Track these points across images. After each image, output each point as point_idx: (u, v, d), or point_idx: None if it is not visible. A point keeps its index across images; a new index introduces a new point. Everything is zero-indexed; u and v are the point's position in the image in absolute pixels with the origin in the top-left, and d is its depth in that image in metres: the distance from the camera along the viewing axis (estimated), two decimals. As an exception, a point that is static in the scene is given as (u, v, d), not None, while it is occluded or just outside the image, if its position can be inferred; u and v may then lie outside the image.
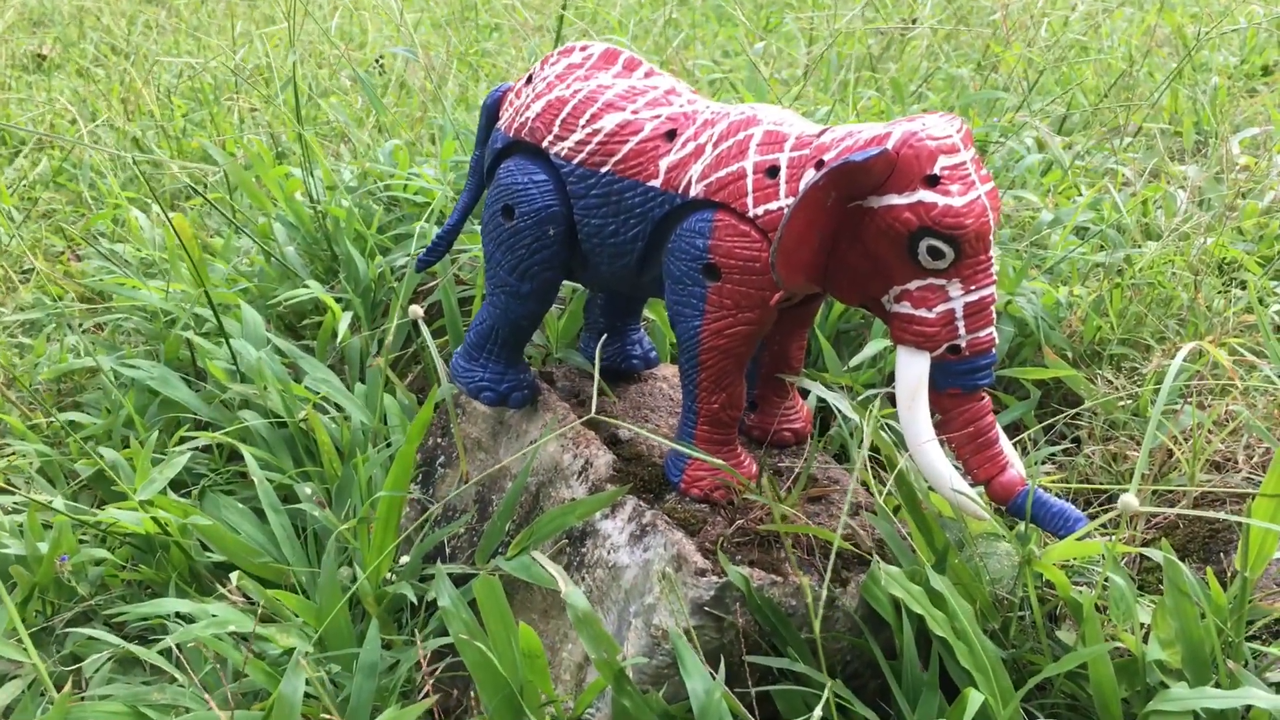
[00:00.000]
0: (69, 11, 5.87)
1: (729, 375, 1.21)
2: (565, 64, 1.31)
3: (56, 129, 3.75)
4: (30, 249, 2.79)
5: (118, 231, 2.77)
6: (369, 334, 1.82)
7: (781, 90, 3.40)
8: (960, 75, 2.94)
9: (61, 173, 3.28)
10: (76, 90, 4.17)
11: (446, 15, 4.42)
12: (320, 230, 2.05)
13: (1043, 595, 1.21)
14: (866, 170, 1.06)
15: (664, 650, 1.10)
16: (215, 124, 3.24)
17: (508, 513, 1.31)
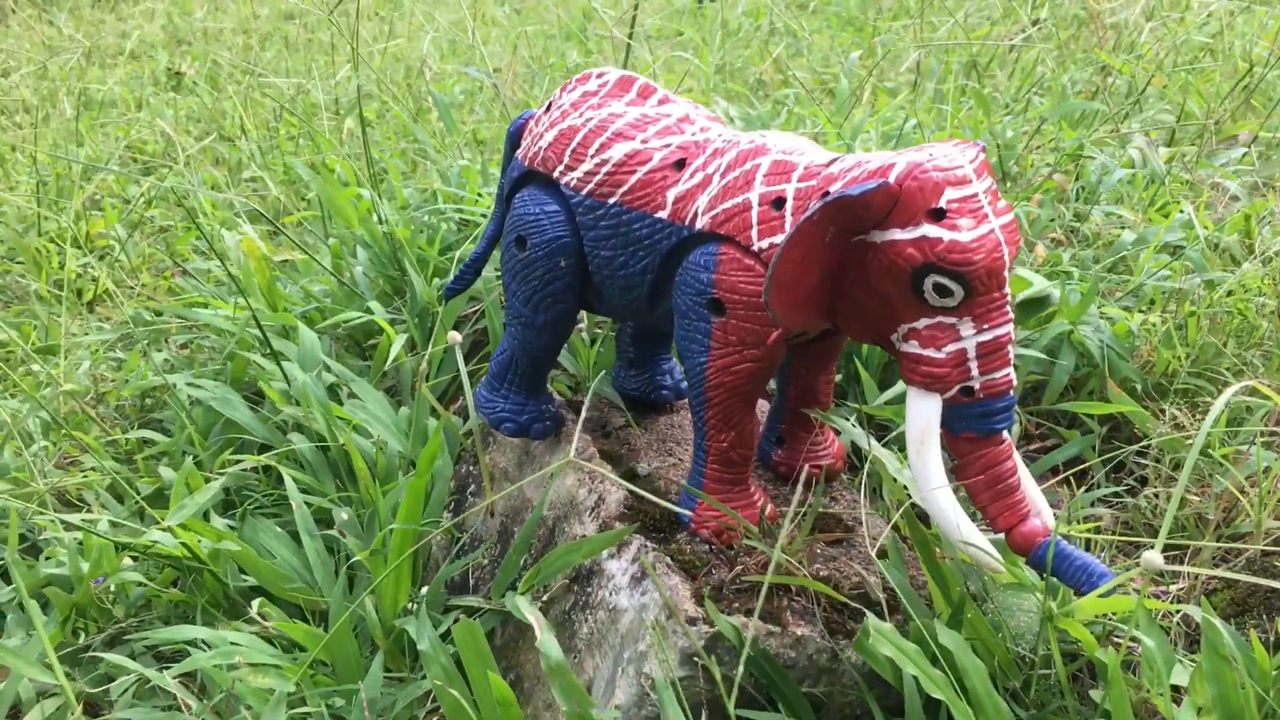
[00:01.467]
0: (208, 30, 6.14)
1: (737, 413, 1.17)
2: (581, 91, 1.29)
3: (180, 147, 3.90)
4: (137, 266, 2.91)
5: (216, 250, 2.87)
6: (421, 356, 1.83)
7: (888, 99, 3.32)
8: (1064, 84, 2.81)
9: (180, 190, 3.41)
10: (202, 108, 4.34)
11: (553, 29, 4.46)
12: (392, 251, 2.07)
13: (1074, 653, 1.13)
14: (865, 204, 1.00)
15: (652, 702, 1.06)
16: (316, 143, 3.33)
17: (523, 547, 1.29)
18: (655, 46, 3.90)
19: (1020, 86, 3.16)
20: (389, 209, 2.16)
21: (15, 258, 3.08)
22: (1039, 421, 1.60)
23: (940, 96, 2.99)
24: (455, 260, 1.87)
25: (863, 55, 3.39)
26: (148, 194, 3.45)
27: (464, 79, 3.91)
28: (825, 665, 1.10)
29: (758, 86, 3.42)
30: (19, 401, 2.15)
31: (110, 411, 2.16)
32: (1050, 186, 2.16)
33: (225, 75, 4.90)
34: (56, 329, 2.55)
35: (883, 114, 2.88)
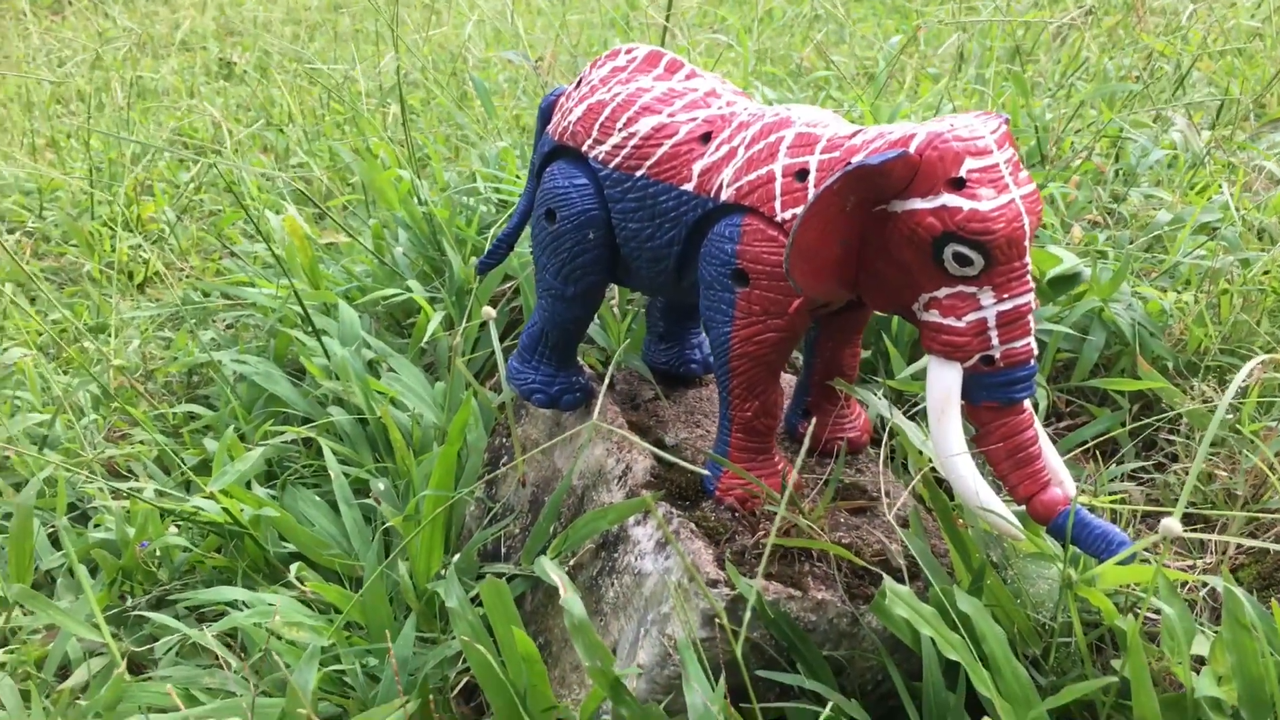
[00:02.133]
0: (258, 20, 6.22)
1: (761, 383, 1.18)
2: (610, 67, 1.31)
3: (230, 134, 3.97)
4: (186, 249, 2.98)
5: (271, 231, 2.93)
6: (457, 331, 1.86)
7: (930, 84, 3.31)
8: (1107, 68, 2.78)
9: (229, 175, 3.48)
10: (252, 96, 4.41)
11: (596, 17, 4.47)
12: (432, 231, 2.11)
13: (1094, 621, 1.14)
14: (885, 173, 1.02)
15: (674, 661, 1.08)
16: (360, 128, 3.37)
17: (552, 514, 1.32)
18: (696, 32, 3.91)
19: (1064, 71, 3.14)
20: (429, 191, 2.20)
21: (69, 240, 3.16)
22: (1069, 399, 1.60)
23: (981, 81, 2.97)
24: (490, 237, 1.90)
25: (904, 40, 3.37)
26: (196, 179, 3.52)
27: (508, 67, 3.94)
28: (845, 629, 1.11)
29: (797, 72, 3.43)
30: (70, 376, 2.22)
31: (158, 388, 2.22)
32: (1089, 168, 2.15)
33: (275, 65, 4.96)
34: (108, 308, 2.61)
35: (924, 99, 2.88)
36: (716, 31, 3.98)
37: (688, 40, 3.25)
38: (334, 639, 1.25)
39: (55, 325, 2.61)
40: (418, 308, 2.07)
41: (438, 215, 2.05)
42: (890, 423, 1.18)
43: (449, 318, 1.92)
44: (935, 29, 3.71)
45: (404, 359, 1.78)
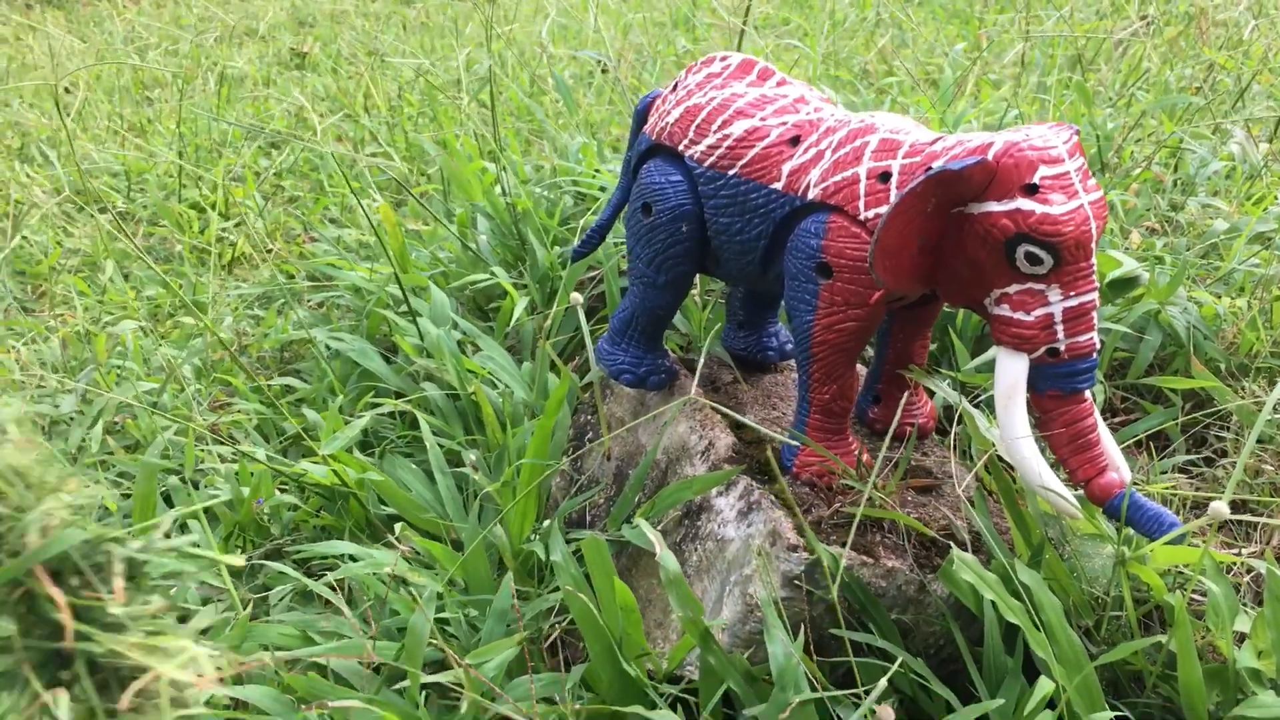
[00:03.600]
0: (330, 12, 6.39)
1: (839, 368, 1.29)
2: (705, 73, 1.41)
3: (307, 123, 4.12)
4: (271, 232, 3.12)
5: (347, 217, 3.06)
6: (541, 317, 1.98)
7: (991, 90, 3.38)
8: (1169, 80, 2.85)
9: (307, 163, 3.63)
10: (327, 86, 4.56)
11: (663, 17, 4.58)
12: (513, 221, 2.23)
13: (1144, 598, 1.23)
14: (964, 178, 1.11)
15: (756, 619, 1.19)
16: (438, 120, 3.50)
17: (638, 486, 1.43)
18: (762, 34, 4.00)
19: (1125, 81, 3.20)
20: (511, 182, 2.32)
21: (158, 221, 3.32)
22: (1124, 395, 1.69)
23: (1043, 89, 3.05)
24: (580, 229, 2.01)
25: (967, 47, 3.45)
26: (278, 165, 3.66)
27: (574, 64, 4.05)
28: (913, 596, 1.21)
29: (862, 75, 3.51)
30: (170, 348, 2.36)
31: (252, 361, 2.35)
32: (1148, 177, 2.23)
33: (347, 56, 5.11)
34: (201, 287, 2.76)
35: (985, 105, 2.95)
36: (782, 36, 4.07)
37: (756, 42, 3.34)
38: (442, 590, 1.36)
39: (150, 301, 2.75)
40: (501, 293, 2.19)
41: (521, 205, 2.17)
42: (958, 410, 1.28)
43: (532, 303, 2.04)
44: (997, 36, 3.77)
45: (491, 340, 1.89)
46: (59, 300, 2.80)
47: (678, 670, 1.22)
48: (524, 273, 2.16)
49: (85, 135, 4.21)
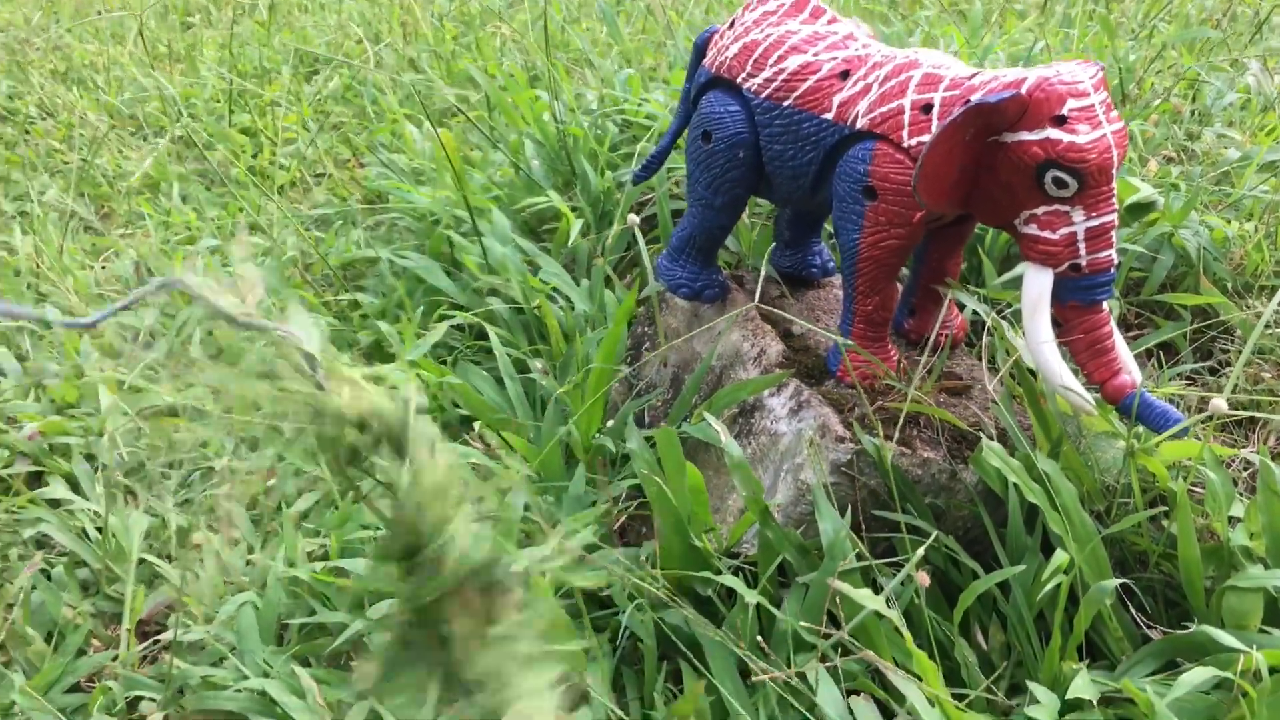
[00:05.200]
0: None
1: (882, 282, 1.43)
2: (762, 11, 1.54)
3: (346, 50, 4.22)
4: (322, 156, 3.25)
5: (394, 143, 3.19)
6: (595, 238, 2.12)
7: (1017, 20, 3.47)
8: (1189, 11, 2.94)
9: (350, 89, 3.74)
10: (363, 13, 4.65)
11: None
12: (562, 147, 2.36)
13: (1148, 486, 1.39)
14: (1000, 110, 1.25)
15: (806, 501, 1.35)
16: (480, 48, 3.61)
17: (694, 388, 1.59)
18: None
19: (1147, 13, 3.29)
20: (562, 110, 2.44)
21: (211, 145, 3.45)
22: (1138, 310, 1.83)
23: (1068, 21, 3.14)
24: (636, 155, 2.14)
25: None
26: (322, 91, 3.78)
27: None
28: (945, 483, 1.37)
29: (892, 5, 3.60)
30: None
31: (318, 279, 2.50)
32: (1167, 109, 2.34)
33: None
34: (257, 208, 2.90)
35: (1011, 35, 3.06)
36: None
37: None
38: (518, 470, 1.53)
39: (212, 222, 2.90)
40: (554, 215, 2.33)
41: (573, 132, 2.30)
42: (988, 322, 1.42)
43: (586, 225, 2.18)
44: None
45: (550, 258, 2.04)
46: (123, 221, 2.95)
47: (735, 547, 1.38)
48: (574, 196, 2.30)
49: (129, 60, 4.33)
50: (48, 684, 1.41)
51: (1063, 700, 1.17)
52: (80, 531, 1.64)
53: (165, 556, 1.63)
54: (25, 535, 1.63)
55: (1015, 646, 1.28)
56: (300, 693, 1.30)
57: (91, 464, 1.82)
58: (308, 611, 1.45)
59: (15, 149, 3.51)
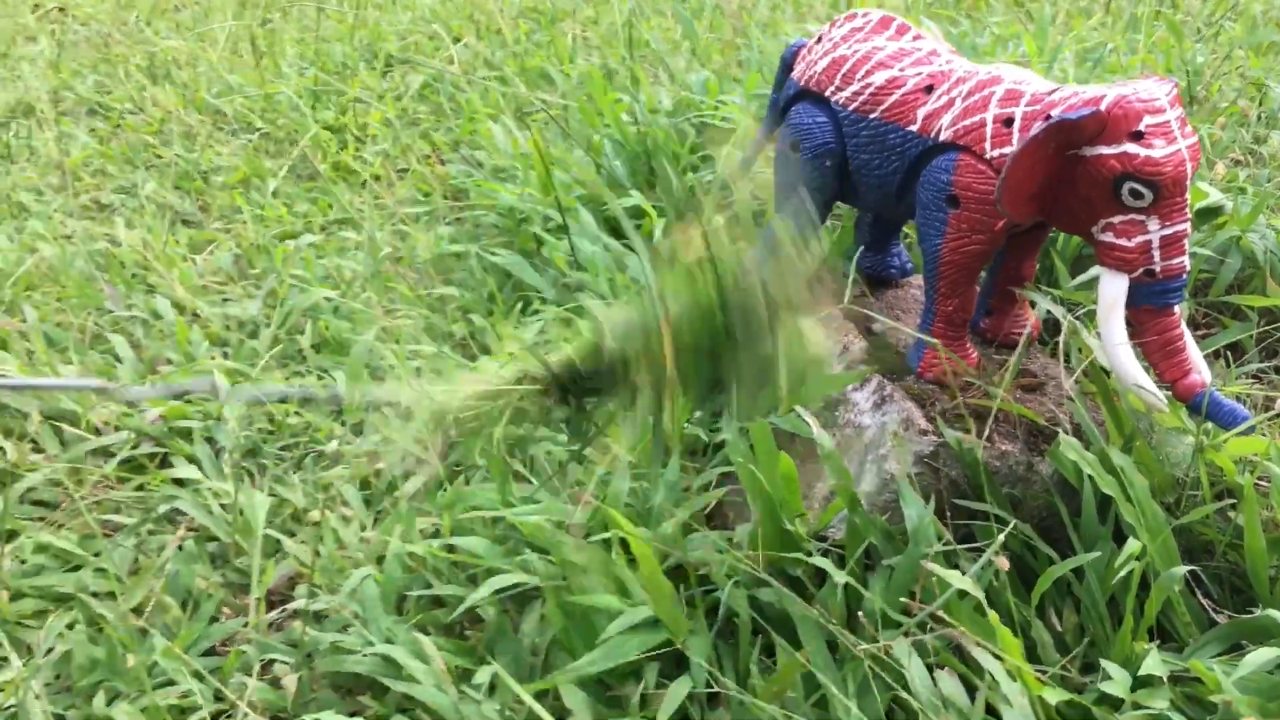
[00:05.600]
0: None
1: (962, 285, 1.52)
2: (849, 27, 1.63)
3: (419, 47, 4.35)
4: (404, 151, 3.37)
5: (474, 140, 3.31)
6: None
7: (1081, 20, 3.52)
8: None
9: (427, 86, 3.86)
10: (435, 10, 4.77)
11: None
12: (641, 148, 2.46)
13: (1216, 480, 1.47)
14: (1080, 127, 1.33)
15: (890, 489, 1.44)
16: (554, 45, 3.71)
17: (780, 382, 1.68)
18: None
19: (1213, 11, 3.33)
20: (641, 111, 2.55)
21: (295, 140, 3.58)
22: (1206, 311, 1.90)
23: (1134, 22, 3.19)
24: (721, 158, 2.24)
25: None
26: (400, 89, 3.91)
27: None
28: (1021, 474, 1.46)
29: (958, 5, 3.66)
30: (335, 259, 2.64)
31: (407, 273, 2.63)
32: (1234, 111, 2.40)
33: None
34: (346, 203, 3.03)
35: (1078, 33, 3.12)
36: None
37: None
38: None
39: (303, 216, 3.03)
40: (633, 214, 2.44)
41: (654, 133, 2.40)
42: (1065, 323, 1.51)
43: (667, 224, 2.28)
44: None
45: (636, 256, 2.14)
46: (218, 214, 3.09)
47: (823, 531, 1.48)
48: (653, 196, 2.40)
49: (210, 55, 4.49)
50: (185, 647, 1.54)
51: (1134, 677, 1.26)
52: (207, 508, 1.77)
53: (287, 532, 1.76)
54: (159, 511, 1.77)
55: (1088, 628, 1.37)
56: (423, 658, 1.42)
57: (211, 446, 1.95)
58: (424, 585, 1.57)
59: (109, 143, 3.67)
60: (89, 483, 1.88)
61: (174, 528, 1.79)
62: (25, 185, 3.29)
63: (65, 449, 1.98)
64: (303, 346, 2.24)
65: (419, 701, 1.39)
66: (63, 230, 2.99)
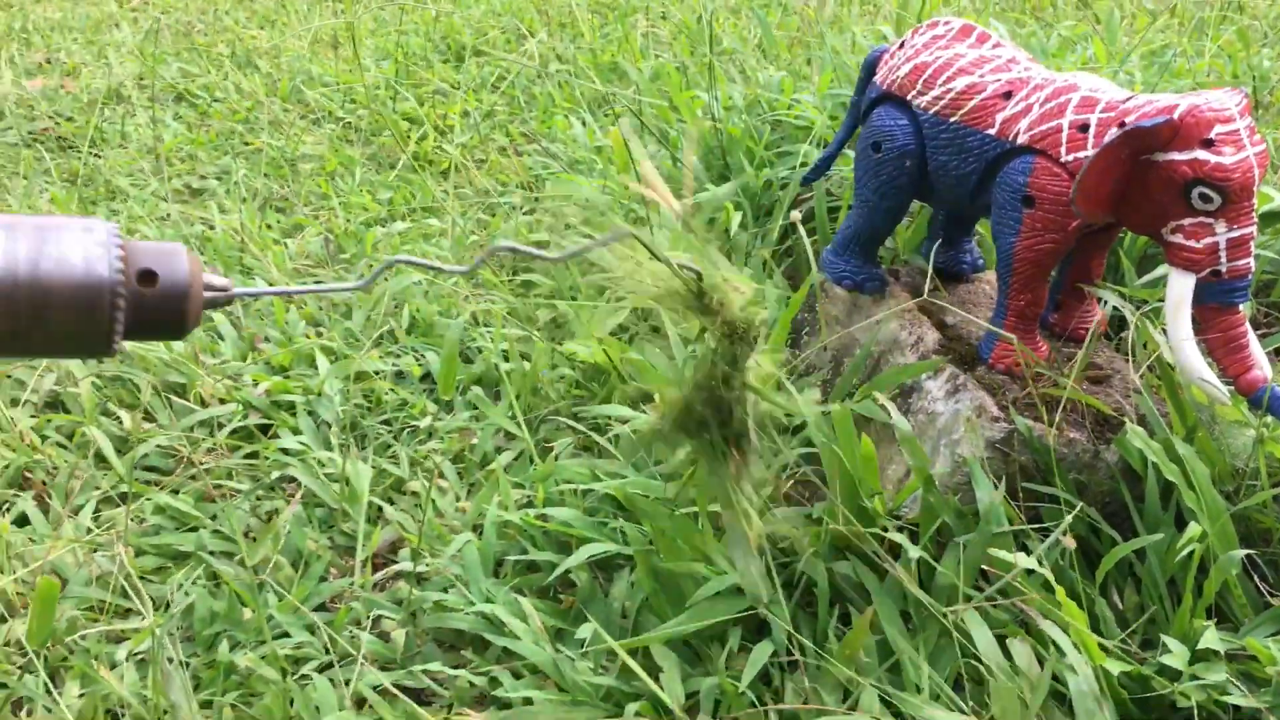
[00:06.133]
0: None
1: (1034, 281, 1.61)
2: (931, 35, 1.72)
3: (491, 41, 4.47)
4: (483, 142, 3.49)
5: (550, 133, 3.42)
6: (754, 231, 2.32)
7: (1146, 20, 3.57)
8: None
9: (501, 79, 3.98)
10: (506, 4, 4.89)
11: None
12: (717, 144, 2.56)
13: (1272, 470, 1.54)
14: (1154, 134, 1.41)
15: (963, 472, 1.53)
16: (626, 38, 3.81)
17: (855, 370, 1.78)
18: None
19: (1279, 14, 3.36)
20: (717, 108, 2.64)
21: (375, 129, 3.72)
22: (1268, 310, 1.97)
23: (1201, 25, 3.23)
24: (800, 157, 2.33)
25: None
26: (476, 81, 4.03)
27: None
28: (1088, 461, 1.54)
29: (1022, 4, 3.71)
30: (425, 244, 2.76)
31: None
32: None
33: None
34: (428, 191, 3.15)
35: (1143, 34, 3.17)
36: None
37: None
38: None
39: (386, 204, 3.16)
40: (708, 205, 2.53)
41: (732, 131, 2.50)
42: (1134, 320, 1.59)
43: (744, 219, 2.38)
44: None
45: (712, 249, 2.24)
46: (305, 200, 3.22)
47: (897, 510, 1.57)
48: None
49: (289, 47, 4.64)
50: (296, 603, 1.67)
51: (1192, 652, 1.34)
52: (316, 476, 1.89)
53: (387, 501, 1.88)
54: (272, 477, 1.90)
55: (1148, 606, 1.45)
56: (522, 616, 1.53)
57: (313, 419, 2.08)
58: (520, 551, 1.68)
59: (197, 130, 3.83)
60: (201, 450, 2.01)
61: (282, 495, 1.91)
62: (121, 169, 3.44)
63: (175, 419, 2.12)
64: (395, 328, 2.36)
65: (519, 656, 1.50)
66: (159, 213, 3.14)
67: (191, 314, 0.78)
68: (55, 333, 0.73)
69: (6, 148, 3.72)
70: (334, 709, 1.46)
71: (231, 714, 1.49)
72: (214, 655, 1.59)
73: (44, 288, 0.71)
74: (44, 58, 4.84)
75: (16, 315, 0.71)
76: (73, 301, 0.72)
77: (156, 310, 0.76)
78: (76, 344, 0.74)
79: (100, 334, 0.74)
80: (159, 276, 0.76)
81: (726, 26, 3.76)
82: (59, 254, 0.72)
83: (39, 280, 0.71)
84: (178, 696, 1.47)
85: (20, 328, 0.72)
